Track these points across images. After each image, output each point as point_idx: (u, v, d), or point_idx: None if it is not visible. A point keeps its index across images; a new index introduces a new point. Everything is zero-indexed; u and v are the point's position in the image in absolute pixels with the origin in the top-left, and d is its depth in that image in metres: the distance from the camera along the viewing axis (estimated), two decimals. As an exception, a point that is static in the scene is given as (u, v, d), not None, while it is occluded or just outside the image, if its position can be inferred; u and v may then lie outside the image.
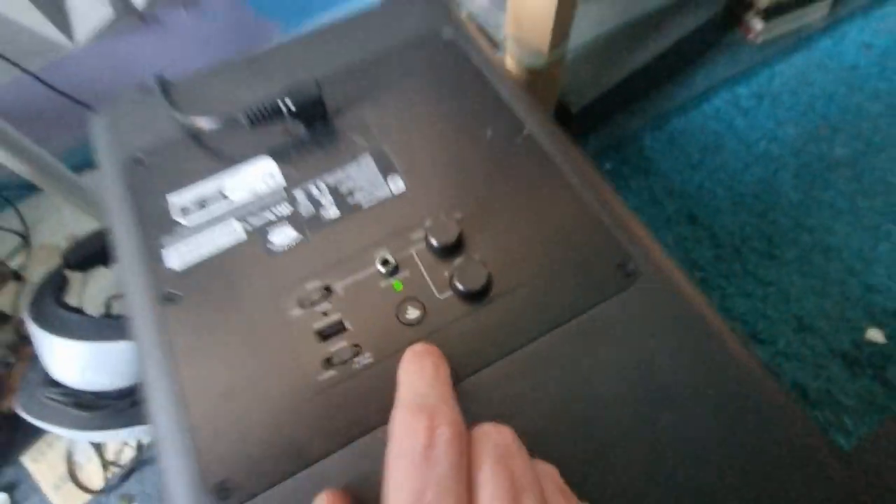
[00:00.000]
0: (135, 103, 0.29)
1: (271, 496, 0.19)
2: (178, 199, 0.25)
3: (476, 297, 0.22)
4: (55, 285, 0.55)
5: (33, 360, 0.54)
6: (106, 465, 0.60)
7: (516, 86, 0.28)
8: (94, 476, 0.60)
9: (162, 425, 0.21)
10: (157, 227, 0.25)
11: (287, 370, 0.21)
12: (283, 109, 0.25)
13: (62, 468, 0.60)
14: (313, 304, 0.22)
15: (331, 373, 0.21)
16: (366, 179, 0.25)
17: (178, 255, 0.24)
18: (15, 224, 0.72)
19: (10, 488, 0.60)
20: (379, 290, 0.23)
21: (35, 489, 0.59)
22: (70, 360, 0.50)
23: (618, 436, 0.19)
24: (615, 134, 0.73)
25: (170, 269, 0.24)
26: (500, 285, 0.22)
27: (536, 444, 0.17)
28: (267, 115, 0.26)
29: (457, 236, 0.23)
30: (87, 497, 0.59)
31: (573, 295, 0.22)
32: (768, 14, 0.74)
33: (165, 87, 0.29)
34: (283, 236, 0.24)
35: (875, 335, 0.61)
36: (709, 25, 0.71)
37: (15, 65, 0.61)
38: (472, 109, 0.28)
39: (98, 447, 0.61)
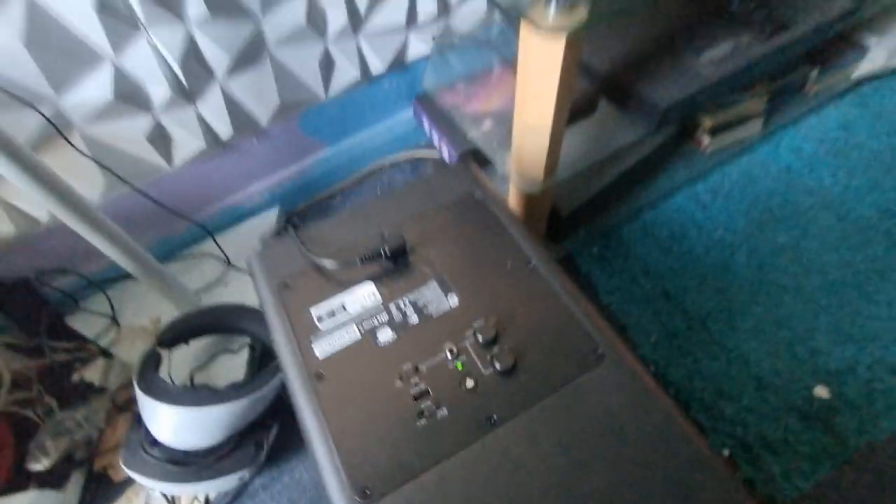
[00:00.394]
0: (278, 245, 0.45)
1: (394, 496, 0.32)
2: (315, 311, 0.40)
3: (507, 373, 0.36)
4: (154, 360, 0.69)
5: (136, 423, 0.66)
6: (178, 518, 0.70)
7: (525, 231, 0.44)
8: (169, 528, 0.69)
9: (320, 454, 0.34)
10: (303, 329, 0.40)
11: (395, 419, 0.35)
12: (382, 253, 0.41)
13: (140, 522, 0.70)
14: (408, 378, 0.37)
15: (423, 421, 0.35)
16: (433, 297, 0.40)
17: (320, 348, 0.38)
18: (105, 308, 0.86)
19: (96, 540, 0.69)
20: (448, 369, 0.37)
21: (118, 541, 0.69)
22: (170, 423, 0.62)
23: (583, 466, 0.33)
24: (599, 227, 0.90)
25: (317, 357, 0.38)
26: (521, 364, 0.37)
27: (538, 468, 0.30)
28: (372, 258, 0.41)
29: (494, 334, 0.37)
30: (163, 547, 0.68)
31: (565, 370, 0.36)
32: (713, 131, 0.93)
33: (300, 231, 0.45)
34: (384, 335, 0.39)
35: (821, 392, 0.74)
36: (668, 142, 0.90)
37: (126, 182, 0.78)
38: (498, 248, 0.43)
39: (172, 502, 0.71)
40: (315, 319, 0.40)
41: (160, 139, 0.79)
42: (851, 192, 0.95)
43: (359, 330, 0.39)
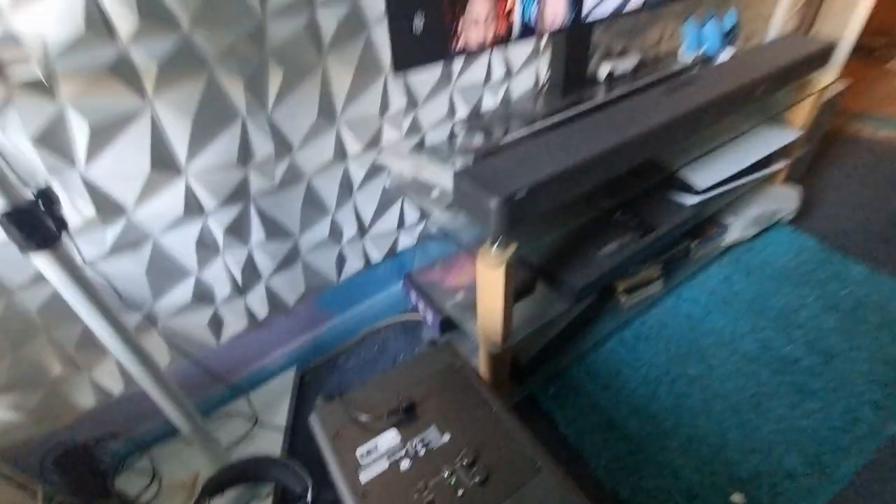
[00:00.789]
0: (329, 407, 0.68)
1: (418, 571, 0.51)
2: (358, 451, 0.63)
3: (483, 483, 0.58)
4: (203, 510, 0.84)
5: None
6: None
7: (489, 388, 0.70)
8: None
9: (369, 550, 0.54)
10: (351, 463, 0.61)
11: (415, 521, 0.55)
12: (400, 410, 0.65)
13: None
14: (421, 492, 0.58)
15: (433, 520, 0.55)
16: (434, 436, 0.64)
17: (363, 476, 0.60)
18: (147, 465, 1.01)
19: None
20: (446, 484, 0.59)
21: None
22: (218, 564, 0.76)
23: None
24: (552, 370, 1.15)
25: (361, 482, 0.59)
26: (491, 478, 0.59)
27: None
28: (393, 413, 0.65)
29: (473, 458, 0.60)
30: None
31: (517, 479, 0.58)
32: (627, 291, 1.26)
33: (343, 398, 0.68)
34: (404, 464, 0.61)
35: (738, 498, 0.94)
36: (594, 304, 1.21)
37: (188, 357, 1.00)
38: (472, 401, 0.68)
39: None
40: (358, 457, 0.62)
41: (215, 323, 1.04)
42: (738, 331, 1.26)
43: (388, 462, 0.61)
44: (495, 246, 0.78)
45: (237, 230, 0.96)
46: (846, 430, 1.02)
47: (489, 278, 0.81)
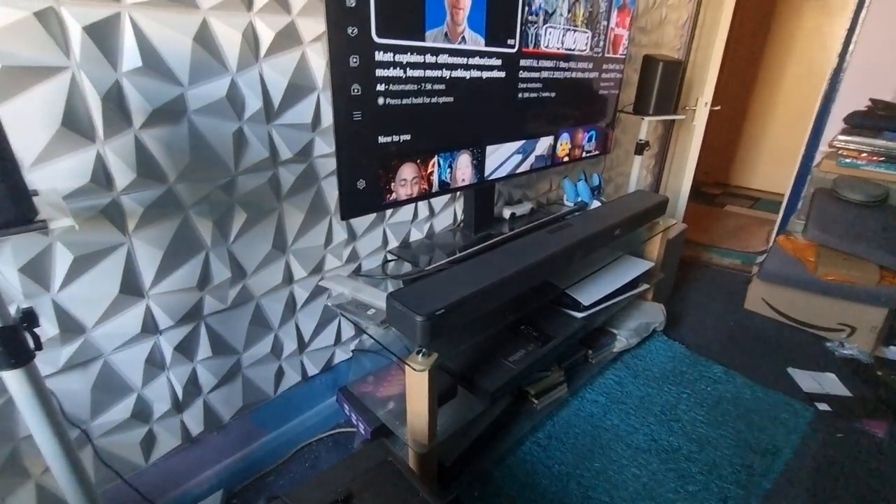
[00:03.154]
0: (273, 506, 0.76)
1: None
2: (300, 544, 0.70)
3: (412, 560, 0.68)
4: None
5: None
6: None
7: (416, 477, 0.81)
8: None
9: None
10: (293, 556, 0.68)
11: None
12: (340, 501, 0.75)
13: None
14: (358, 574, 0.66)
15: None
16: (369, 523, 0.73)
17: (305, 566, 0.67)
18: None
19: None
20: (380, 564, 0.67)
21: None
22: None
23: None
24: (476, 472, 1.26)
25: (303, 572, 0.66)
26: (419, 555, 0.69)
27: None
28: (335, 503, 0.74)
29: (404, 539, 0.70)
30: None
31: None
32: (537, 395, 1.44)
33: (288, 495, 0.76)
34: (343, 551, 0.69)
35: (640, 581, 1.05)
36: (509, 407, 1.37)
37: (121, 478, 0.99)
38: (402, 487, 0.79)
39: None
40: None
41: (147, 441, 1.05)
42: (631, 427, 1.47)
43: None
44: (420, 355, 0.95)
45: (186, 347, 1.05)
46: (720, 508, 1.21)
47: (416, 383, 0.97)
